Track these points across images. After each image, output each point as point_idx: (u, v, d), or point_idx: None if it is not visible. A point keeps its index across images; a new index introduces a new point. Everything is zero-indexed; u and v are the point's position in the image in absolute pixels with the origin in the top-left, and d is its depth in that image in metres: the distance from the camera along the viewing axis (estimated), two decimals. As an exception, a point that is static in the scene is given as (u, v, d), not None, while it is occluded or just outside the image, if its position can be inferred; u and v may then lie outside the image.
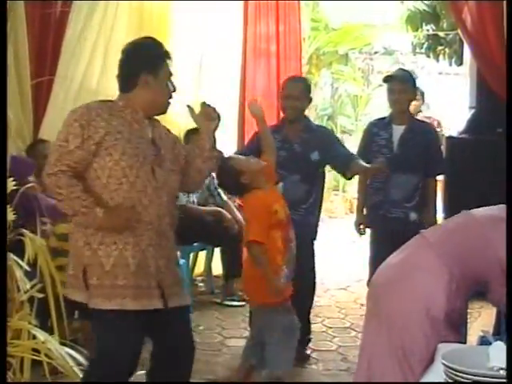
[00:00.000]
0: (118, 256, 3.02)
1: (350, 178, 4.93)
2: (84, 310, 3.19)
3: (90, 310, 3.09)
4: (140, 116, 3.14)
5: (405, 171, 4.65)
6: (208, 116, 3.28)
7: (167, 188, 3.17)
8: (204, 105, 3.30)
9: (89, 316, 3.22)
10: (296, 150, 4.59)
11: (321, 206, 4.87)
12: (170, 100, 3.24)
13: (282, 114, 4.93)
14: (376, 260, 3.91)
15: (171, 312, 3.12)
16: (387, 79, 4.96)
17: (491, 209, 2.75)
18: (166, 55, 3.20)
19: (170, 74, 3.20)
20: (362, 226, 5.01)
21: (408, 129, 4.81)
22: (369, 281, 3.60)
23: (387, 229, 4.73)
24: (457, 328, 2.65)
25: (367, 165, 4.46)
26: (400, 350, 2.60)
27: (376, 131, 4.90)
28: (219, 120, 3.32)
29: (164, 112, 3.26)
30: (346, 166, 4.52)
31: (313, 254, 4.72)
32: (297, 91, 4.61)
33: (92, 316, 3.14)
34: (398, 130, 4.81)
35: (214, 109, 3.32)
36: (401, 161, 4.69)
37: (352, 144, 12.63)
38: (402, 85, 4.81)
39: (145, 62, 3.15)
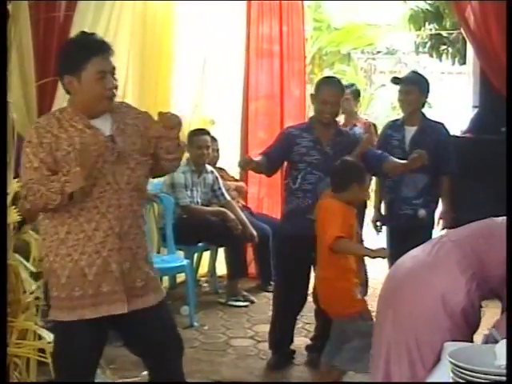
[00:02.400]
0: (72, 268, 2.98)
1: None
2: None
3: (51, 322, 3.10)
4: (89, 121, 3.02)
5: (416, 170, 4.68)
6: (167, 125, 3.07)
7: (130, 186, 3.06)
8: (161, 114, 3.07)
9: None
10: (328, 152, 4.55)
11: None
12: (113, 96, 3.04)
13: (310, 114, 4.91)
14: (391, 255, 3.97)
15: (143, 312, 3.08)
16: (395, 81, 5.10)
17: None
18: (93, 51, 2.97)
19: (101, 71, 2.97)
20: (378, 223, 5.22)
21: (419, 129, 4.94)
22: None
23: (399, 225, 4.98)
24: (471, 325, 2.67)
25: (402, 161, 4.54)
26: (413, 339, 2.62)
27: (390, 133, 5.07)
28: (181, 125, 3.11)
29: (106, 110, 3.06)
30: (379, 166, 4.58)
31: None
32: (337, 97, 4.58)
33: (53, 327, 3.14)
34: (410, 131, 4.95)
35: (174, 116, 3.09)
36: None
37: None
38: (409, 86, 4.93)
39: (65, 63, 3.02)
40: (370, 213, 5.49)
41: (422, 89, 4.97)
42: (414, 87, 4.93)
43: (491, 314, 3.26)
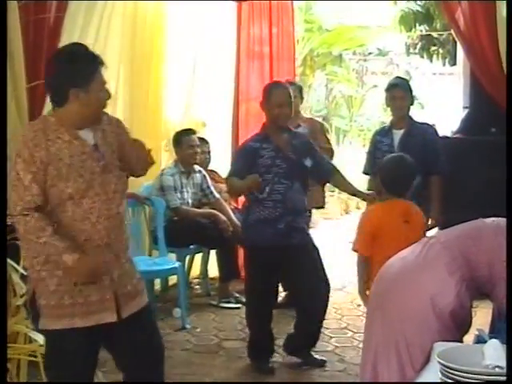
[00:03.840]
0: (62, 276, 2.95)
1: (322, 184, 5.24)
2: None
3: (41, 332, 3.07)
4: (75, 132, 3.00)
5: None
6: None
7: (117, 194, 3.08)
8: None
9: None
10: (291, 158, 4.51)
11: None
12: (103, 108, 3.08)
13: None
14: None
15: (129, 319, 3.07)
16: (390, 88, 5.16)
17: (504, 219, 2.78)
18: (97, 64, 3.02)
19: (104, 82, 3.02)
20: None
21: (406, 132, 5.05)
22: None
23: None
24: (461, 326, 2.67)
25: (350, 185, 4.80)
26: (402, 340, 2.62)
27: (379, 139, 5.16)
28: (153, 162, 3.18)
29: (98, 122, 3.09)
30: (329, 173, 4.73)
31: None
32: (291, 98, 4.56)
33: (44, 335, 3.12)
34: (398, 135, 5.07)
35: (147, 155, 3.13)
36: None
37: (347, 145, 12.73)
38: (404, 92, 5.10)
39: (74, 76, 2.97)
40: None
41: (411, 94, 5.16)
42: (406, 93, 5.10)
43: (482, 314, 3.29)
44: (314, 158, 4.62)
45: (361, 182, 5.62)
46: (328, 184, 5.38)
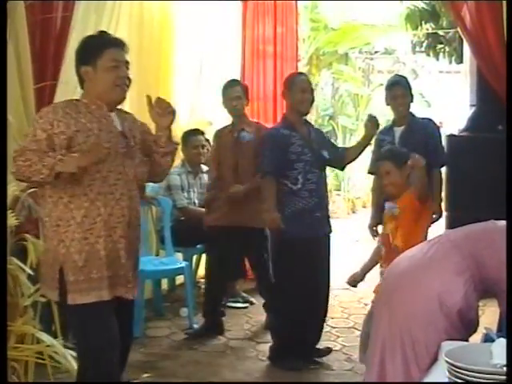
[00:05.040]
0: (89, 250, 3.08)
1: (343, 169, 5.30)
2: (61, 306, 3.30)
3: (67, 307, 3.12)
4: (105, 110, 3.17)
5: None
6: (163, 111, 3.27)
7: (135, 181, 3.24)
8: (159, 100, 3.29)
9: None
10: (315, 149, 4.62)
11: None
12: (125, 86, 3.21)
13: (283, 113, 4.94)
14: None
15: (126, 303, 3.22)
16: (391, 86, 5.20)
17: None
18: (108, 44, 3.18)
19: (118, 59, 3.16)
20: (374, 228, 5.21)
21: (407, 128, 5.10)
22: None
23: None
24: (467, 326, 2.66)
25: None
26: (408, 337, 2.62)
27: (382, 137, 5.18)
28: (174, 115, 3.31)
29: (120, 100, 3.25)
30: (343, 160, 4.84)
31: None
32: (311, 84, 4.74)
33: (70, 312, 3.16)
34: (399, 132, 5.12)
35: (169, 104, 3.30)
36: None
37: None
38: (404, 90, 5.15)
39: (82, 55, 3.20)
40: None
41: (410, 91, 5.21)
42: (406, 90, 5.16)
43: (490, 312, 3.28)
44: (330, 150, 4.74)
45: (366, 182, 5.63)
46: (334, 182, 5.43)
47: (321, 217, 4.60)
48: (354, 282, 4.19)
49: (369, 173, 5.37)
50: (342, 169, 5.28)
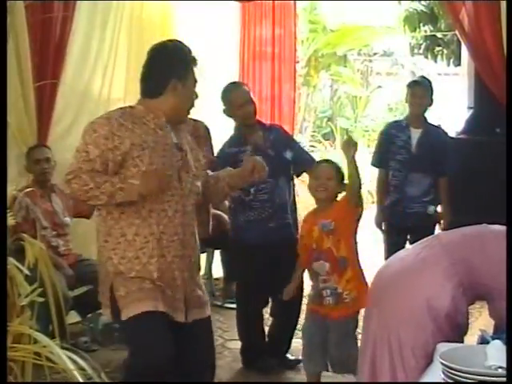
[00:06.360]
0: (140, 270, 2.95)
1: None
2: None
3: (121, 324, 3.03)
4: (162, 122, 3.03)
5: (421, 170, 5.01)
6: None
7: (192, 195, 3.09)
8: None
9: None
10: (270, 154, 4.38)
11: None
12: (192, 106, 3.16)
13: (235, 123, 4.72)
14: (390, 253, 3.96)
15: (194, 323, 3.06)
16: (412, 84, 5.24)
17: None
18: (194, 62, 3.12)
19: (195, 81, 3.12)
20: (382, 223, 5.25)
21: (424, 132, 5.13)
22: None
23: (405, 224, 5.08)
24: (456, 330, 2.67)
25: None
26: (395, 340, 2.63)
27: (394, 133, 5.19)
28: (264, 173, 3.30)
29: (184, 120, 3.19)
30: (310, 162, 4.54)
31: None
32: (248, 94, 4.58)
33: (125, 329, 3.06)
34: (416, 133, 5.13)
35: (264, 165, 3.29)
36: (418, 161, 5.04)
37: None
38: (425, 91, 5.15)
39: (176, 67, 3.06)
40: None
41: (431, 94, 5.19)
42: (427, 92, 5.14)
43: (486, 314, 3.27)
44: (294, 149, 4.59)
45: (365, 180, 5.62)
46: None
47: (276, 226, 4.44)
48: (287, 295, 4.14)
49: (372, 165, 5.39)
50: (298, 175, 4.84)
